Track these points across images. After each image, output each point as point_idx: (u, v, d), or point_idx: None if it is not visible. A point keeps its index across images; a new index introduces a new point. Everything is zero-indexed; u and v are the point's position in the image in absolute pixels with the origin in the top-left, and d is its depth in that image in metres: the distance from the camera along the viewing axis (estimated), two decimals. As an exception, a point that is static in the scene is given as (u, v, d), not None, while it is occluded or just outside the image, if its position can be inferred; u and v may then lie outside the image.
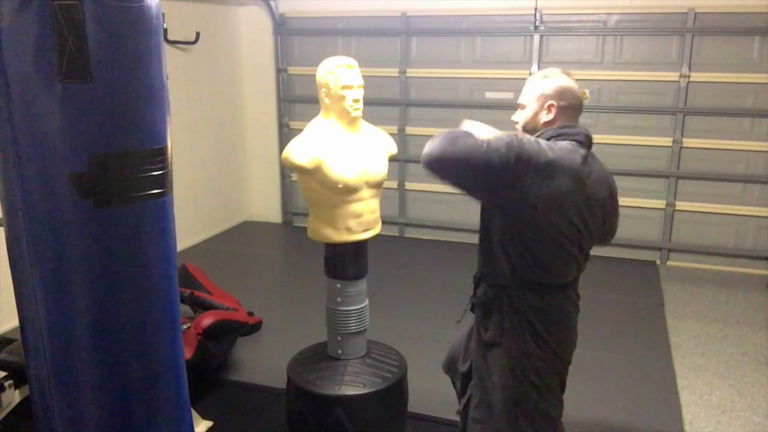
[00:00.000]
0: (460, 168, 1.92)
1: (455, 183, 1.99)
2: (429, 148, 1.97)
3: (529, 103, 2.09)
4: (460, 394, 2.41)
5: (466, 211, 5.79)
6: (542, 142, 1.95)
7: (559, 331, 2.08)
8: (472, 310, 2.25)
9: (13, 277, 1.61)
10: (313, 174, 2.50)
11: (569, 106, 2.05)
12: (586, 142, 2.04)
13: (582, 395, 3.22)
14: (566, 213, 1.96)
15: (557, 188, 1.91)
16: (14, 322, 3.82)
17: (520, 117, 2.12)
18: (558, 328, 2.08)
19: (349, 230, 2.59)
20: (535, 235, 1.97)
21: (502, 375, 2.08)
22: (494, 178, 1.89)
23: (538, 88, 2.08)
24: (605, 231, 2.25)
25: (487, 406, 2.13)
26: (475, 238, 2.23)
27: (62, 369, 1.58)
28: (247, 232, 6.45)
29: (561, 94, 2.05)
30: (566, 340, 2.12)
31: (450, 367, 2.52)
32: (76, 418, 1.61)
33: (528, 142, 1.91)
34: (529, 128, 2.08)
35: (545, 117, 2.05)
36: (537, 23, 5.33)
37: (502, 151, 1.86)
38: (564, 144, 1.98)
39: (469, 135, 1.94)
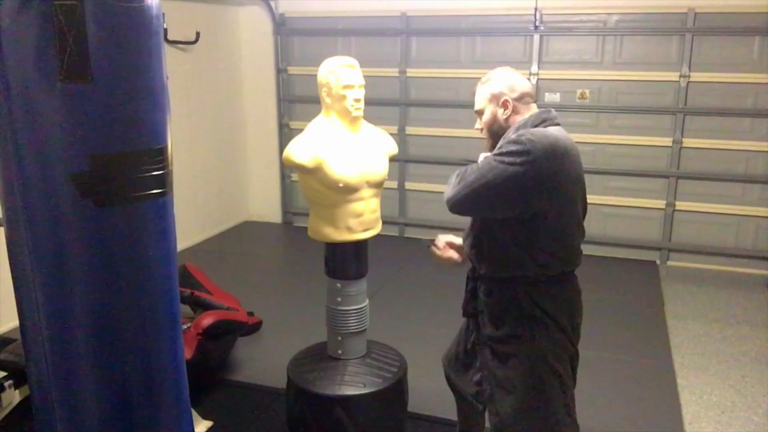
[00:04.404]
0: (487, 195, 1.96)
1: (485, 211, 2.05)
2: (447, 193, 2.05)
3: (483, 107, 2.14)
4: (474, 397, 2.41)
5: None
6: (548, 132, 1.97)
7: (574, 317, 2.12)
8: (469, 314, 2.27)
9: (13, 277, 1.61)
10: (314, 173, 2.50)
11: (522, 95, 2.09)
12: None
13: (582, 395, 3.21)
14: (582, 192, 2.05)
15: (576, 172, 1.99)
16: (14, 322, 3.82)
17: (482, 123, 2.16)
18: (574, 314, 2.12)
19: (349, 230, 2.59)
20: (570, 225, 2.02)
21: (525, 365, 2.08)
22: (524, 184, 1.91)
23: (486, 91, 2.13)
24: None
25: (504, 394, 2.13)
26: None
27: (62, 369, 1.58)
28: (247, 232, 6.45)
29: (509, 87, 2.09)
30: (579, 324, 2.17)
31: (450, 366, 2.50)
32: (77, 418, 1.61)
33: (537, 138, 1.92)
34: (495, 129, 2.12)
35: (504, 114, 2.09)
36: (537, 23, 5.32)
37: (517, 159, 1.90)
38: (555, 129, 2.02)
39: (478, 166, 1.99)
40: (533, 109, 2.11)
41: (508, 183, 1.91)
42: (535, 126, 2.02)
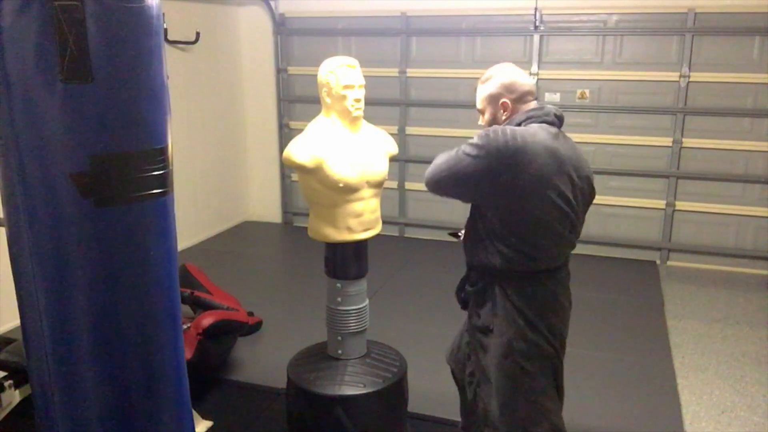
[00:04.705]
0: (450, 181, 2.04)
1: (454, 196, 2.13)
2: (425, 175, 2.12)
3: (483, 107, 2.17)
4: (462, 390, 2.44)
5: (466, 211, 5.77)
6: (509, 130, 1.98)
7: (549, 317, 2.12)
8: (462, 303, 2.32)
9: (14, 277, 1.61)
10: (314, 173, 2.50)
11: (522, 95, 2.11)
12: (557, 122, 2.10)
13: (582, 395, 3.22)
14: (550, 195, 2.00)
15: (536, 171, 1.96)
16: (14, 322, 3.84)
17: (484, 121, 2.18)
18: (548, 314, 2.12)
19: (349, 230, 2.59)
20: (528, 223, 2.02)
21: (496, 359, 2.12)
22: (476, 177, 1.98)
23: (485, 92, 2.15)
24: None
25: (486, 384, 2.19)
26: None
27: (64, 368, 1.58)
28: (247, 232, 6.45)
29: (507, 88, 2.10)
30: (557, 325, 2.15)
31: (452, 357, 2.54)
32: (78, 417, 1.61)
33: (494, 135, 1.96)
34: None
35: (504, 115, 2.11)
36: (537, 23, 5.33)
37: (473, 152, 1.96)
38: (533, 127, 2.02)
39: (448, 152, 2.05)
40: (532, 106, 2.11)
41: (462, 171, 1.99)
42: (519, 124, 2.04)
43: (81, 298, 1.53)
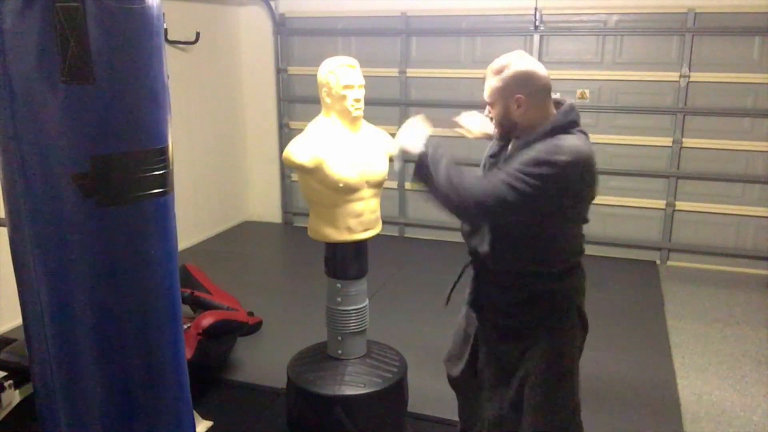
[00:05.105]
0: (497, 210, 1.90)
1: (490, 222, 2.04)
2: (451, 198, 1.96)
3: (494, 100, 2.00)
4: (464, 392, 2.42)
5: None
6: (565, 148, 1.85)
7: (583, 304, 2.13)
8: (477, 306, 2.26)
9: (16, 277, 1.61)
10: (314, 173, 2.50)
11: (538, 90, 1.94)
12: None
13: (581, 395, 3.22)
14: (590, 199, 2.00)
15: (587, 182, 1.93)
16: (15, 322, 3.85)
17: (493, 113, 2.04)
18: (583, 300, 2.13)
19: (349, 230, 2.60)
20: (577, 227, 2.06)
21: (542, 360, 2.04)
22: (535, 203, 1.88)
23: (498, 84, 1.97)
24: None
25: (507, 388, 2.12)
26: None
27: (65, 368, 1.58)
28: (247, 232, 6.45)
29: (523, 82, 1.93)
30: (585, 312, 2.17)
31: (450, 360, 2.48)
32: (80, 415, 1.62)
33: (571, 157, 1.83)
34: (507, 124, 2.01)
35: (518, 111, 1.95)
36: (537, 23, 5.33)
37: (533, 181, 1.82)
38: (581, 137, 1.94)
39: (469, 175, 1.96)
40: (551, 105, 1.98)
41: (523, 200, 1.85)
42: (563, 129, 1.91)
43: (82, 297, 1.54)
